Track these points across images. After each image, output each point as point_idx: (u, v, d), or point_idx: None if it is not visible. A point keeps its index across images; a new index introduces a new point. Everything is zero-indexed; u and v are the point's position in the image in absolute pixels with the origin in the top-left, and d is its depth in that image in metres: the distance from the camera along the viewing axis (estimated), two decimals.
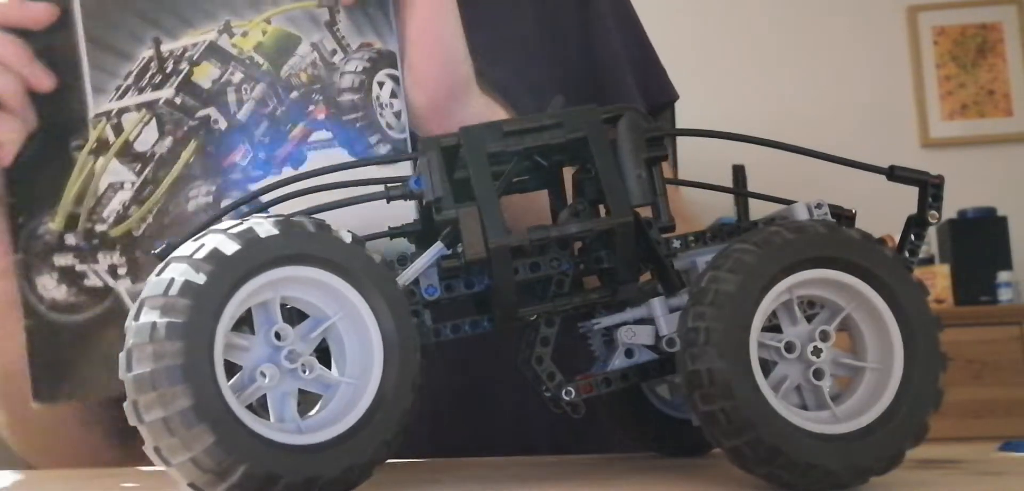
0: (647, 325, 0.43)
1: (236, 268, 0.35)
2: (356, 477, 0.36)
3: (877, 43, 3.24)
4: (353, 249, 0.38)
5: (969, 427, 2.45)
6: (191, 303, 0.34)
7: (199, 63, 0.50)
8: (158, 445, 0.34)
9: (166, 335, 0.33)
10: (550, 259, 0.42)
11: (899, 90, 3.23)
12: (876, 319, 0.39)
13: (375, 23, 0.51)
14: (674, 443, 0.52)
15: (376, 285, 0.38)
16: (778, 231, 0.39)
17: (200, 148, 0.50)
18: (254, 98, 0.50)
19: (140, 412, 0.34)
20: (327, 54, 0.50)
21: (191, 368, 0.33)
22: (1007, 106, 3.20)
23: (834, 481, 0.37)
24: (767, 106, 3.16)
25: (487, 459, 0.58)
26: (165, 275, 0.35)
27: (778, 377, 0.39)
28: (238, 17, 0.50)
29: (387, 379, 0.37)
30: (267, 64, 0.50)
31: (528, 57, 0.77)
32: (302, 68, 0.50)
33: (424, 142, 0.42)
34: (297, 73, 0.50)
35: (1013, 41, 3.22)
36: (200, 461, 0.33)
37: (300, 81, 0.50)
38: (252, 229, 0.36)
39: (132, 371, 0.34)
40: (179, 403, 0.33)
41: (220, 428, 0.33)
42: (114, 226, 0.51)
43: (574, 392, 0.42)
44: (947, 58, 3.23)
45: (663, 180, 0.43)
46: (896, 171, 0.45)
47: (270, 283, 0.36)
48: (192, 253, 0.35)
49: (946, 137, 3.18)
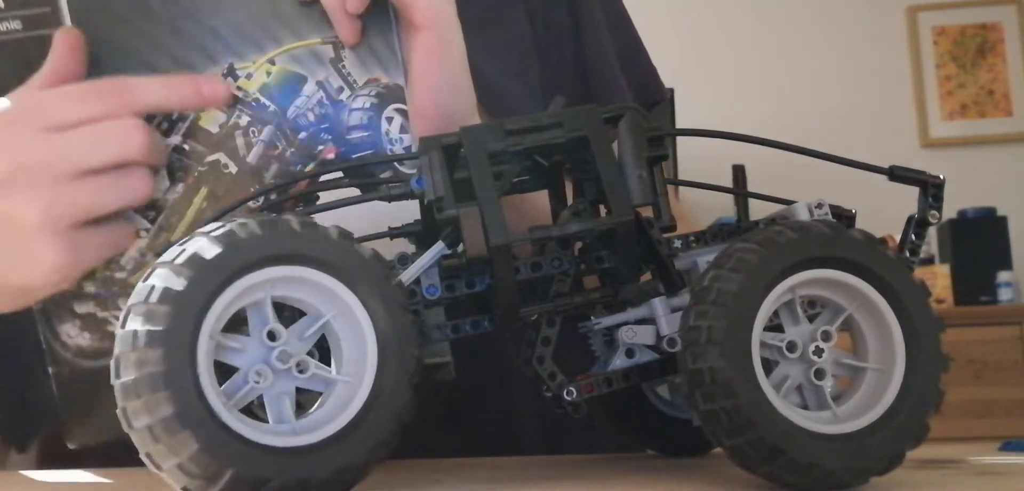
0: (648, 325, 0.43)
1: (218, 272, 0.35)
2: (350, 478, 0.36)
3: (877, 43, 3.24)
4: (341, 245, 0.37)
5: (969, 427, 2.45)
6: (171, 310, 0.34)
7: (206, 108, 0.50)
8: (148, 452, 0.34)
9: (147, 343, 0.33)
10: (551, 259, 0.42)
11: (899, 90, 3.23)
12: (878, 320, 0.39)
13: (380, 57, 0.50)
14: (674, 443, 0.52)
15: (367, 281, 0.37)
16: (781, 230, 0.38)
17: (211, 193, 0.50)
18: (262, 141, 0.50)
19: (129, 419, 0.34)
20: (334, 92, 0.50)
21: (172, 375, 0.33)
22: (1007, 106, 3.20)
23: (835, 481, 0.37)
24: (767, 106, 3.16)
25: (487, 459, 0.58)
26: (148, 282, 0.35)
27: (779, 377, 0.39)
28: (241, 60, 0.49)
29: (382, 377, 0.37)
30: (273, 105, 0.50)
31: (523, 57, 0.77)
32: (309, 108, 0.50)
33: (425, 141, 0.42)
34: (304, 113, 0.50)
35: (1013, 41, 3.23)
36: (186, 467, 0.33)
37: (308, 121, 0.50)
38: (233, 231, 0.35)
39: (119, 378, 0.34)
40: (162, 410, 0.33)
41: (203, 434, 0.33)
42: (133, 273, 0.51)
43: (575, 392, 0.42)
44: (947, 58, 3.23)
45: (664, 180, 0.43)
46: (896, 171, 0.45)
47: (257, 284, 0.36)
48: (173, 258, 0.35)
49: (946, 137, 3.18)
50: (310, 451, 0.35)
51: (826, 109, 3.16)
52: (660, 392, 0.51)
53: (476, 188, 0.40)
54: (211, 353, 0.35)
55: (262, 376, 0.36)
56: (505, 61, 0.75)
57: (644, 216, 0.42)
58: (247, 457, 0.34)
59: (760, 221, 0.45)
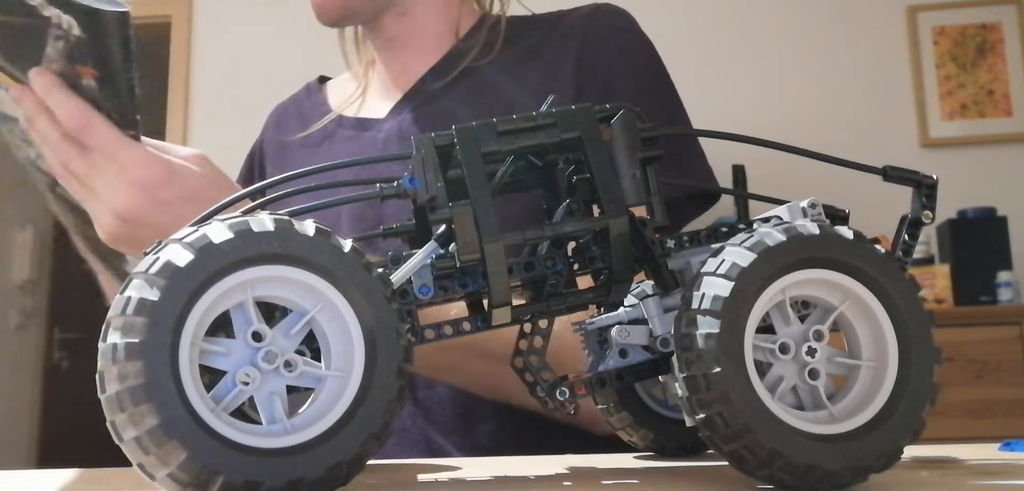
0: (641, 325, 0.43)
1: (192, 278, 0.35)
2: (344, 474, 0.36)
3: (877, 43, 3.23)
4: (318, 242, 0.37)
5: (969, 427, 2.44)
6: (147, 321, 0.34)
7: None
8: (140, 462, 0.34)
9: (126, 356, 0.33)
10: (544, 259, 0.42)
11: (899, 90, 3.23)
12: (869, 316, 0.39)
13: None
14: (671, 443, 0.51)
15: (348, 275, 0.37)
16: (769, 233, 0.38)
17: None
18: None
19: (119, 432, 0.34)
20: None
21: (153, 386, 0.33)
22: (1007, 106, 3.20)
23: (834, 481, 0.37)
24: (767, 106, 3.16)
25: (487, 459, 0.58)
26: (125, 293, 0.34)
27: (774, 378, 0.39)
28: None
29: (370, 370, 0.36)
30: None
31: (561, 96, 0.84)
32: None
33: (418, 141, 0.41)
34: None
35: (1013, 41, 3.22)
36: (177, 476, 0.33)
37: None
38: (206, 236, 0.35)
39: (104, 392, 0.34)
40: (147, 422, 0.33)
41: (191, 442, 0.33)
42: None
43: (568, 392, 0.42)
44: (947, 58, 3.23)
45: (657, 180, 0.43)
46: (890, 172, 0.45)
47: (235, 287, 0.36)
48: (147, 268, 0.35)
49: (946, 137, 3.18)
50: (302, 450, 0.35)
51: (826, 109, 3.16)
52: (655, 393, 0.51)
53: (469, 187, 0.40)
54: (195, 359, 0.35)
55: (250, 377, 0.36)
56: (542, 92, 0.81)
57: (638, 216, 0.42)
58: (237, 461, 0.34)
59: (754, 221, 0.45)
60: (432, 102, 0.91)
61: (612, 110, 0.43)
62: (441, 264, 0.41)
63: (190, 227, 0.36)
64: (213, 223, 0.36)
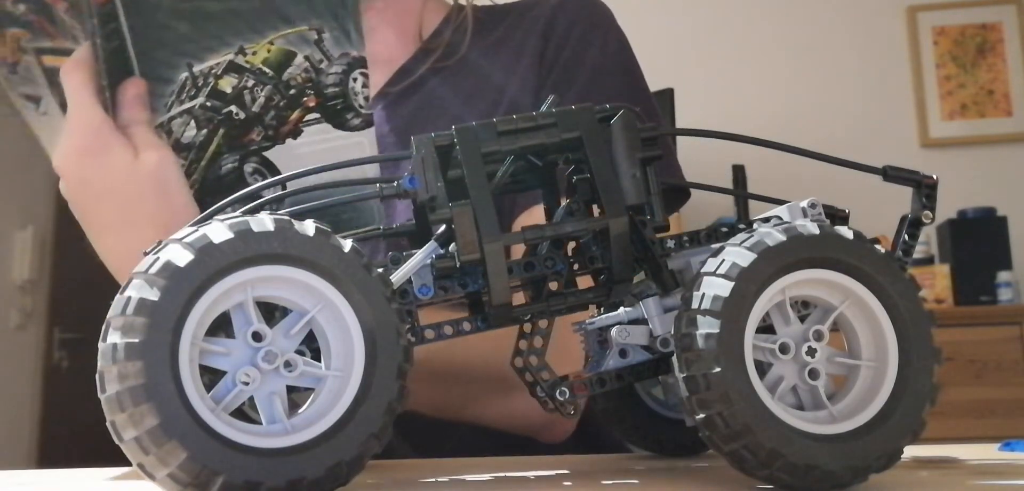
0: (641, 325, 0.43)
1: (192, 278, 0.35)
2: (344, 474, 0.36)
3: (877, 43, 3.24)
4: (317, 242, 0.37)
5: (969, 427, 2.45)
6: (147, 321, 0.34)
7: (222, 76, 0.65)
8: (140, 462, 0.34)
9: (126, 356, 0.33)
10: (544, 259, 0.42)
11: (899, 90, 3.23)
12: (869, 316, 0.39)
13: (352, 39, 0.66)
14: (670, 443, 0.51)
15: (347, 275, 0.37)
16: (770, 233, 0.38)
17: (226, 134, 0.66)
18: (264, 95, 0.65)
19: (119, 432, 0.34)
20: (316, 62, 0.66)
21: (153, 386, 0.33)
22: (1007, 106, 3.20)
23: (834, 481, 0.37)
24: (767, 106, 3.16)
25: (486, 459, 0.58)
26: (125, 293, 0.35)
27: (774, 378, 0.39)
28: (248, 42, 0.65)
29: (370, 370, 0.36)
30: (272, 72, 0.65)
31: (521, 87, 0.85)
32: (298, 74, 0.65)
33: (418, 140, 0.41)
34: (294, 77, 0.65)
35: (1013, 41, 3.22)
36: (177, 476, 0.33)
37: (297, 82, 0.65)
38: (206, 236, 0.35)
39: (104, 393, 0.34)
40: (147, 422, 0.33)
41: (190, 442, 0.33)
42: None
43: (568, 392, 0.42)
44: (947, 58, 3.23)
45: (657, 179, 0.43)
46: (890, 172, 0.45)
47: (235, 287, 0.36)
48: (147, 268, 0.35)
49: (946, 137, 3.18)
50: (302, 450, 0.35)
51: (826, 109, 3.16)
52: (655, 393, 0.51)
53: (469, 187, 0.40)
54: (195, 359, 0.35)
55: (250, 378, 0.36)
56: (502, 84, 0.84)
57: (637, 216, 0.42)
58: (237, 462, 0.34)
59: (754, 221, 0.45)
60: (395, 105, 0.88)
61: (612, 110, 0.43)
62: (441, 264, 0.41)
63: (190, 227, 0.36)
64: (213, 223, 0.36)
